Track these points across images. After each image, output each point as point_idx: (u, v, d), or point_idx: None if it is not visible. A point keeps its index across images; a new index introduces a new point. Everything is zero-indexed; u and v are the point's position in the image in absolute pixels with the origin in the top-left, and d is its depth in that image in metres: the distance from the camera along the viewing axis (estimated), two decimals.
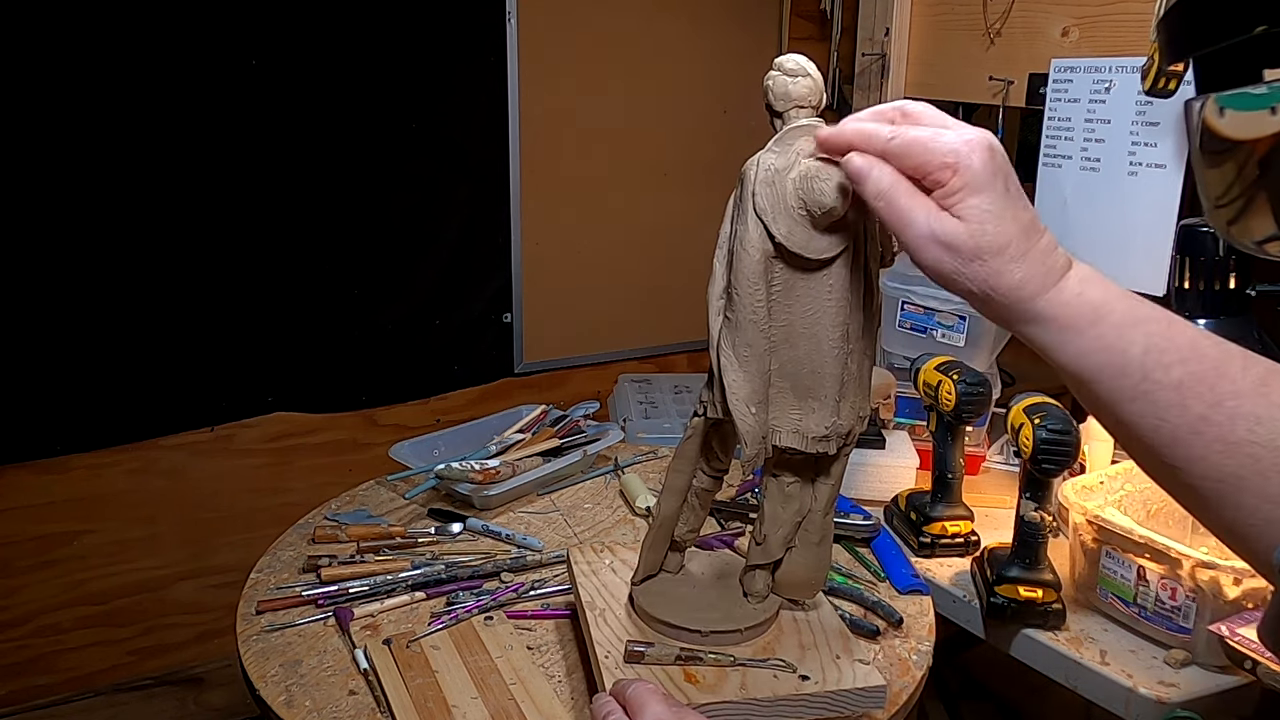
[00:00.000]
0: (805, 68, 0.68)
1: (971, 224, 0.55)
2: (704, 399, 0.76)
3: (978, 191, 0.54)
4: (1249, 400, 0.50)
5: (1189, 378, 0.51)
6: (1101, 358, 0.53)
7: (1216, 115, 0.49)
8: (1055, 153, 1.52)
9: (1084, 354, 0.54)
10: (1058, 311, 0.55)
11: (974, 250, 0.55)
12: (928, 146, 0.55)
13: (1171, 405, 0.51)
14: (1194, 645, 1.01)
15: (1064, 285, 0.55)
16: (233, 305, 1.90)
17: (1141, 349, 0.53)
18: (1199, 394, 0.51)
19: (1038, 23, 1.60)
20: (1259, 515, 0.49)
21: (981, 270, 0.55)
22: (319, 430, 2.07)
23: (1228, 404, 0.50)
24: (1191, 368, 0.52)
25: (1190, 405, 0.51)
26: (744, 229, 0.68)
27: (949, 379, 1.18)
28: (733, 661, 0.77)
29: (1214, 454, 0.50)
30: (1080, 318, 0.54)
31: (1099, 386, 0.54)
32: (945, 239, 0.55)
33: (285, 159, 1.88)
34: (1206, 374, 0.51)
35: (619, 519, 1.23)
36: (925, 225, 0.56)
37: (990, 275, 0.55)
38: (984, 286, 0.55)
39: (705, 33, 2.30)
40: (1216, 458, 0.50)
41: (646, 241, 2.35)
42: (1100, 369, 0.54)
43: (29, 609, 1.85)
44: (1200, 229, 1.17)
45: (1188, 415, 0.51)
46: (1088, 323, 0.54)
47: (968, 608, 1.15)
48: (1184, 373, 0.52)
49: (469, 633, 0.94)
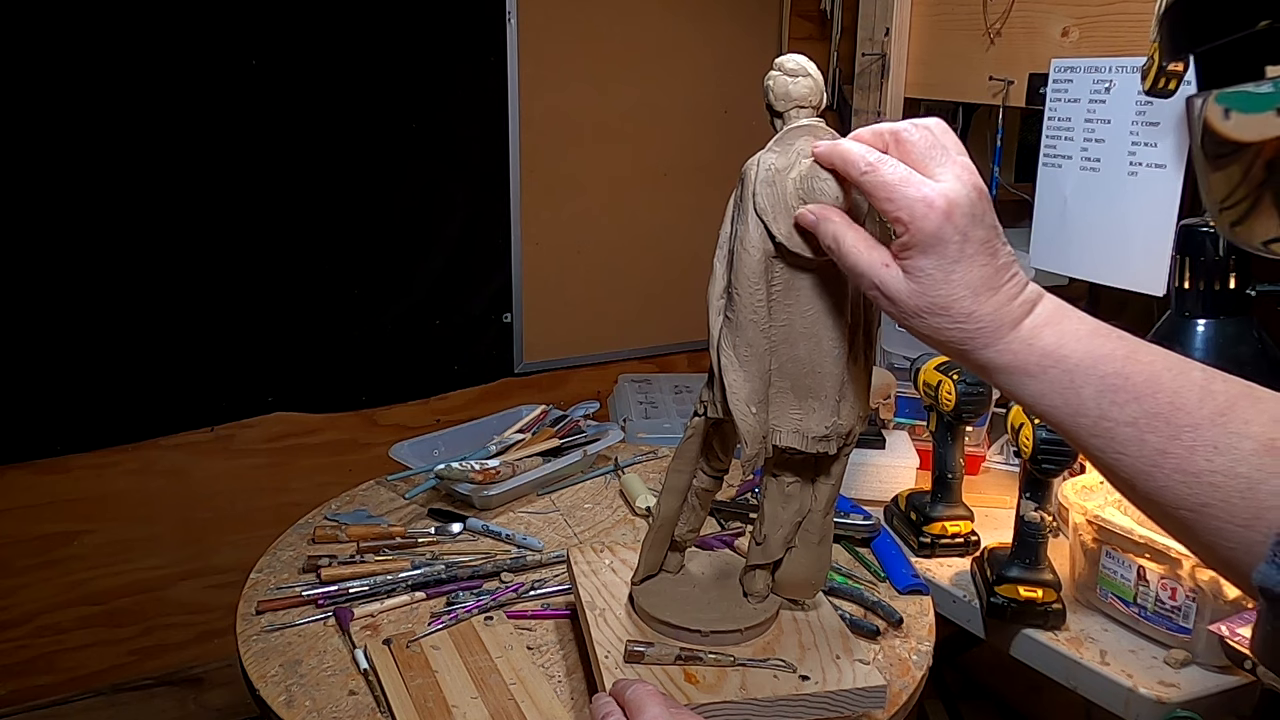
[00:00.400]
0: (805, 68, 0.68)
1: (914, 283, 0.56)
2: (704, 399, 0.76)
3: (925, 253, 0.55)
4: (1206, 430, 0.51)
5: (1143, 415, 0.52)
6: (1056, 399, 0.54)
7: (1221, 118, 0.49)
8: (1055, 153, 1.52)
9: (1038, 396, 0.55)
10: (1006, 360, 0.56)
11: (914, 309, 0.56)
12: (890, 195, 0.56)
13: (1129, 441, 0.52)
14: (1194, 645, 1.01)
15: (1015, 334, 0.56)
16: (233, 305, 1.90)
17: (1095, 390, 0.53)
18: (1155, 429, 0.52)
19: (1038, 23, 1.60)
20: (1232, 539, 0.50)
21: (922, 325, 0.57)
22: (319, 430, 2.07)
23: (1184, 437, 0.51)
24: (1146, 405, 0.52)
25: (1147, 440, 0.52)
26: (744, 229, 0.68)
27: (949, 379, 1.18)
28: (733, 661, 0.77)
29: (1176, 484, 0.51)
30: (1029, 365, 0.55)
31: (1058, 425, 0.55)
32: (887, 293, 0.57)
33: (285, 159, 1.88)
34: (1161, 409, 0.52)
35: (619, 519, 1.23)
36: (870, 277, 0.58)
37: (932, 331, 0.57)
38: (925, 338, 0.57)
39: (705, 33, 2.30)
40: (1180, 488, 0.51)
41: (646, 241, 2.35)
42: (1055, 409, 0.55)
43: (29, 609, 1.85)
44: (1200, 229, 1.17)
45: (1145, 449, 0.52)
46: (1038, 369, 0.55)
47: (968, 608, 1.15)
48: (1138, 411, 0.52)
49: (469, 633, 0.94)
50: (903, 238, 0.56)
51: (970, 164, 0.57)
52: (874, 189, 0.57)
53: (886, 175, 0.56)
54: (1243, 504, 0.49)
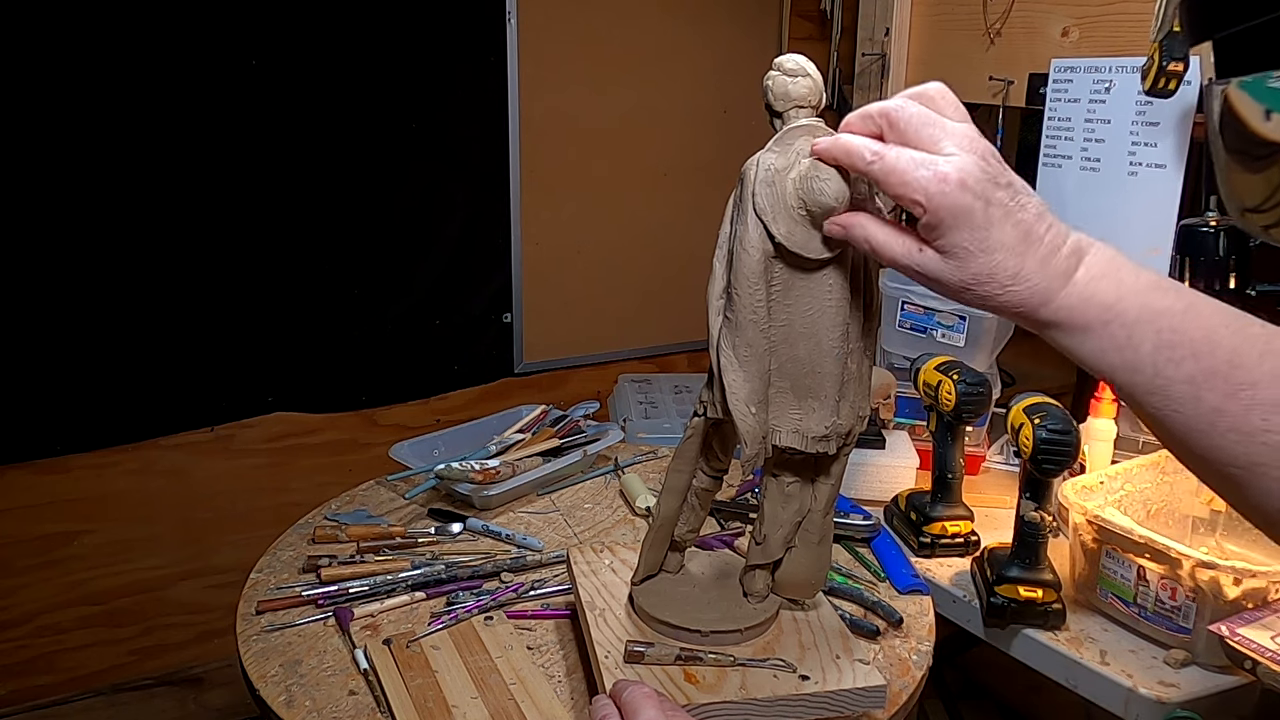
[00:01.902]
0: (805, 68, 0.68)
1: (951, 260, 0.55)
2: (704, 399, 0.76)
3: (953, 228, 0.54)
4: (1265, 389, 0.50)
5: (1200, 373, 0.51)
6: (1115, 357, 0.53)
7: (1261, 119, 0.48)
8: (1055, 153, 1.52)
9: (1098, 353, 0.54)
10: (1065, 317, 0.54)
11: (959, 284, 0.55)
12: (902, 180, 0.55)
13: (1185, 399, 0.51)
14: (1194, 645, 1.01)
15: (1070, 289, 0.54)
16: (233, 305, 1.90)
17: (1152, 346, 0.52)
18: (1212, 386, 0.51)
19: (1038, 23, 1.60)
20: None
21: (974, 297, 0.55)
22: (319, 430, 2.07)
23: (1242, 395, 0.50)
24: (1204, 363, 0.51)
25: (1204, 398, 0.51)
26: (744, 229, 0.68)
27: (949, 379, 1.18)
28: (733, 661, 0.77)
29: (1230, 443, 0.50)
30: (1090, 320, 0.54)
31: (1116, 382, 0.54)
32: (930, 275, 0.56)
33: (285, 159, 1.88)
34: (1219, 367, 0.51)
35: (619, 519, 1.23)
36: (909, 265, 0.57)
37: (984, 300, 0.55)
38: (982, 307, 0.56)
39: (705, 33, 2.30)
40: (1234, 447, 0.50)
41: (646, 241, 2.35)
42: (1115, 367, 0.54)
43: (29, 609, 1.85)
44: (1200, 229, 1.17)
45: (1201, 408, 0.51)
46: (1099, 324, 0.54)
47: (968, 608, 1.15)
48: (1195, 369, 0.51)
49: (469, 633, 0.94)
50: (925, 219, 0.54)
51: (971, 128, 0.56)
52: (883, 177, 0.56)
53: (892, 162, 0.55)
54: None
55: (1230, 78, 0.49)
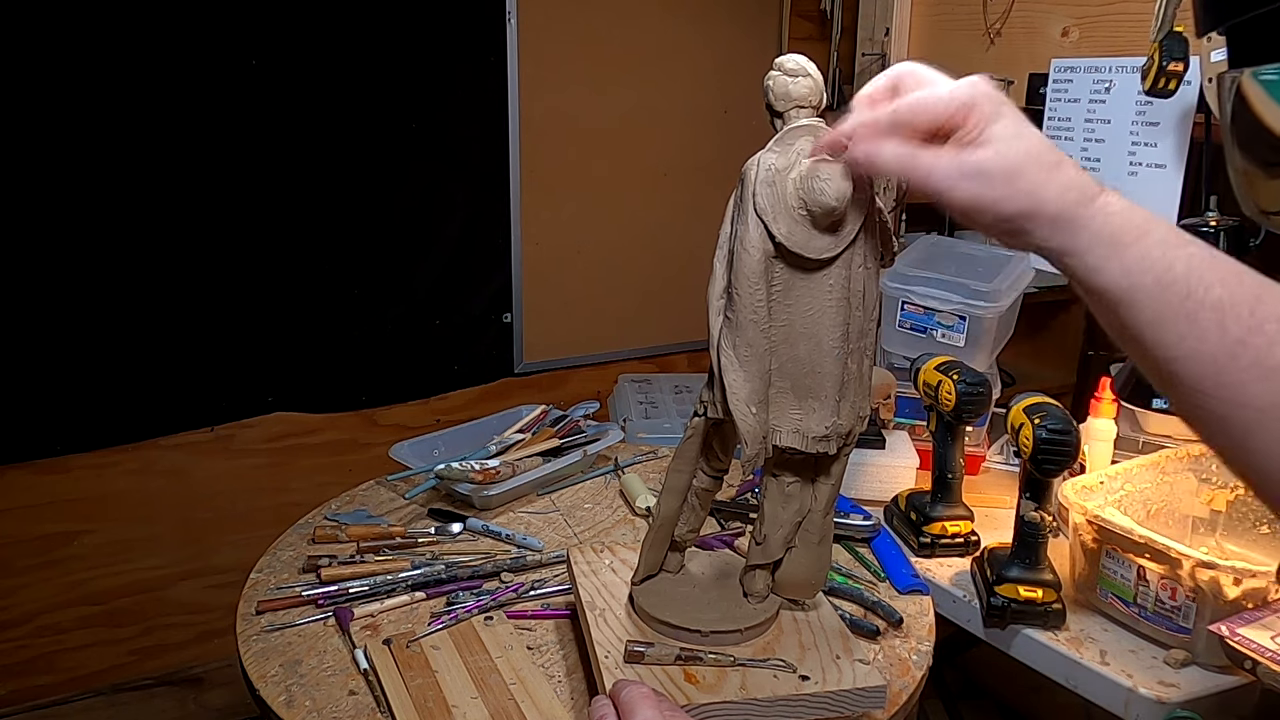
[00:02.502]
0: (805, 68, 0.68)
1: (998, 145, 0.55)
2: (704, 399, 0.76)
3: (996, 119, 0.55)
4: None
5: (1229, 299, 0.51)
6: (1146, 276, 0.52)
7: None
8: None
9: (1127, 271, 0.53)
10: (1103, 224, 0.54)
11: (1007, 170, 0.55)
12: (936, 101, 0.56)
13: (1210, 326, 0.51)
14: (1194, 645, 1.01)
15: (1107, 199, 0.55)
16: (233, 305, 1.90)
17: (1185, 267, 0.52)
18: (1238, 316, 0.50)
19: (1038, 23, 1.60)
20: None
21: (1023, 185, 0.54)
22: (319, 430, 2.07)
23: (1267, 327, 0.50)
24: (1232, 289, 0.51)
25: (1229, 327, 0.50)
26: (744, 229, 0.68)
27: (949, 379, 1.18)
28: (732, 661, 0.77)
29: (1251, 379, 0.50)
30: (1127, 231, 0.54)
31: (1140, 306, 0.53)
32: (976, 169, 0.55)
33: (285, 159, 1.88)
34: (1246, 298, 0.51)
35: (619, 519, 1.23)
36: (951, 165, 0.56)
37: (1033, 188, 0.54)
38: (1029, 202, 0.54)
39: (705, 33, 2.30)
40: (1253, 384, 0.49)
41: (646, 241, 2.35)
42: (1143, 287, 0.53)
43: (29, 609, 1.85)
44: (1200, 229, 1.17)
45: (1226, 338, 0.50)
46: (1134, 237, 0.53)
47: (968, 608, 1.15)
48: (1224, 293, 0.51)
49: (469, 633, 0.94)
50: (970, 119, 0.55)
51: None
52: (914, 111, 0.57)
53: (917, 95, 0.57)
54: None
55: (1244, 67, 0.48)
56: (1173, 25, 1.20)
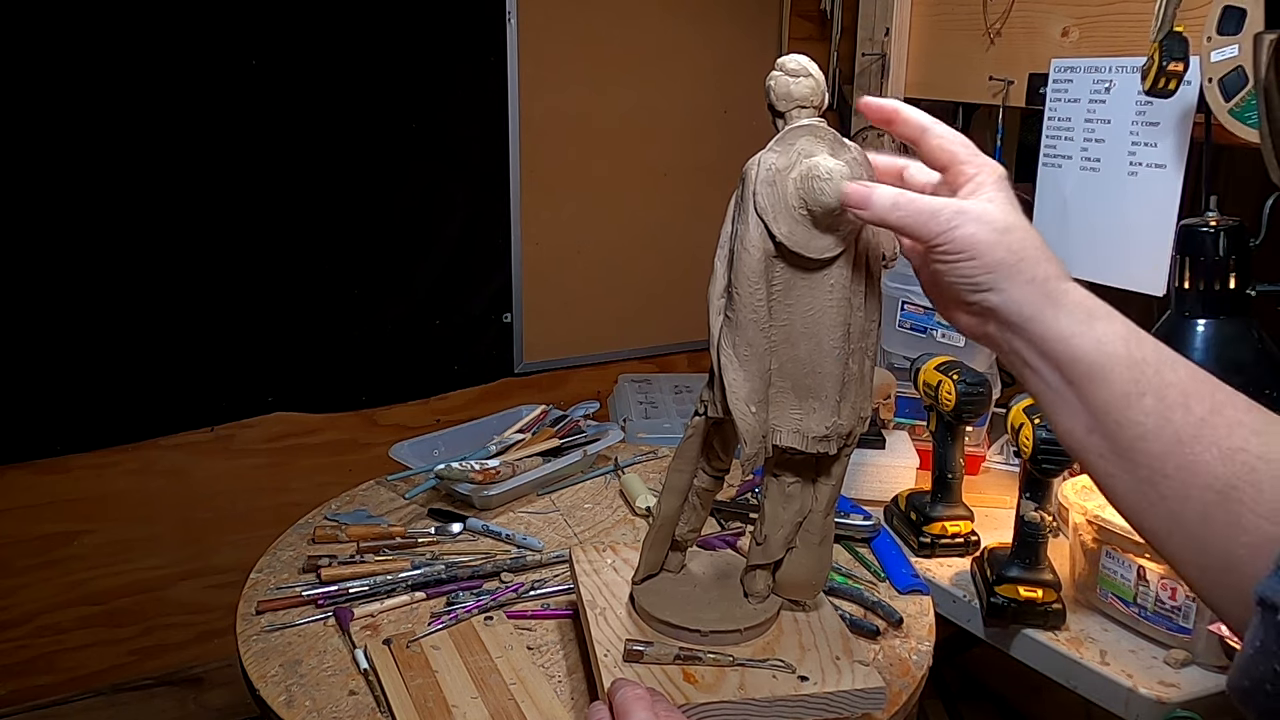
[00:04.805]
0: (807, 68, 0.68)
1: (998, 201, 0.58)
2: (704, 398, 0.76)
3: (999, 187, 0.59)
4: (1248, 414, 0.52)
5: (1193, 381, 0.53)
6: (1121, 347, 0.54)
7: None
8: (1055, 153, 1.52)
9: (1101, 341, 0.54)
10: (1079, 295, 0.56)
11: (1005, 223, 0.57)
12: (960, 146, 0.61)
13: (1176, 405, 0.52)
14: (1194, 645, 1.01)
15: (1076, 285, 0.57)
16: (233, 305, 1.90)
17: (1153, 346, 0.54)
18: (1201, 397, 0.52)
19: (1038, 23, 1.60)
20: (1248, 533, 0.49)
21: (1013, 241, 0.57)
22: (319, 430, 2.07)
23: (1227, 413, 0.52)
24: (1196, 374, 0.53)
25: (1193, 407, 0.52)
26: (745, 228, 0.68)
27: (949, 379, 1.18)
28: (732, 661, 0.77)
29: (1211, 458, 0.50)
30: (1099, 307, 0.56)
31: (1112, 379, 0.54)
32: (977, 214, 0.57)
33: (285, 159, 1.88)
34: (1206, 382, 0.53)
35: (619, 519, 1.23)
36: (955, 204, 0.58)
37: (1022, 246, 0.57)
38: (1017, 255, 0.57)
39: (705, 33, 2.30)
40: (1214, 464, 0.50)
41: (646, 241, 2.35)
42: (1117, 357, 0.54)
43: (29, 609, 1.85)
44: (1200, 229, 1.17)
45: (1190, 416, 0.52)
46: (1105, 313, 0.56)
47: (968, 608, 1.15)
48: (1188, 375, 0.53)
49: (469, 633, 0.94)
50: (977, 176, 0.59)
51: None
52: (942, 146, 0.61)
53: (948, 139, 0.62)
54: (1272, 494, 0.49)
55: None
56: (1173, 25, 1.20)
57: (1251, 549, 0.49)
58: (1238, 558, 0.50)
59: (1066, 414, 0.56)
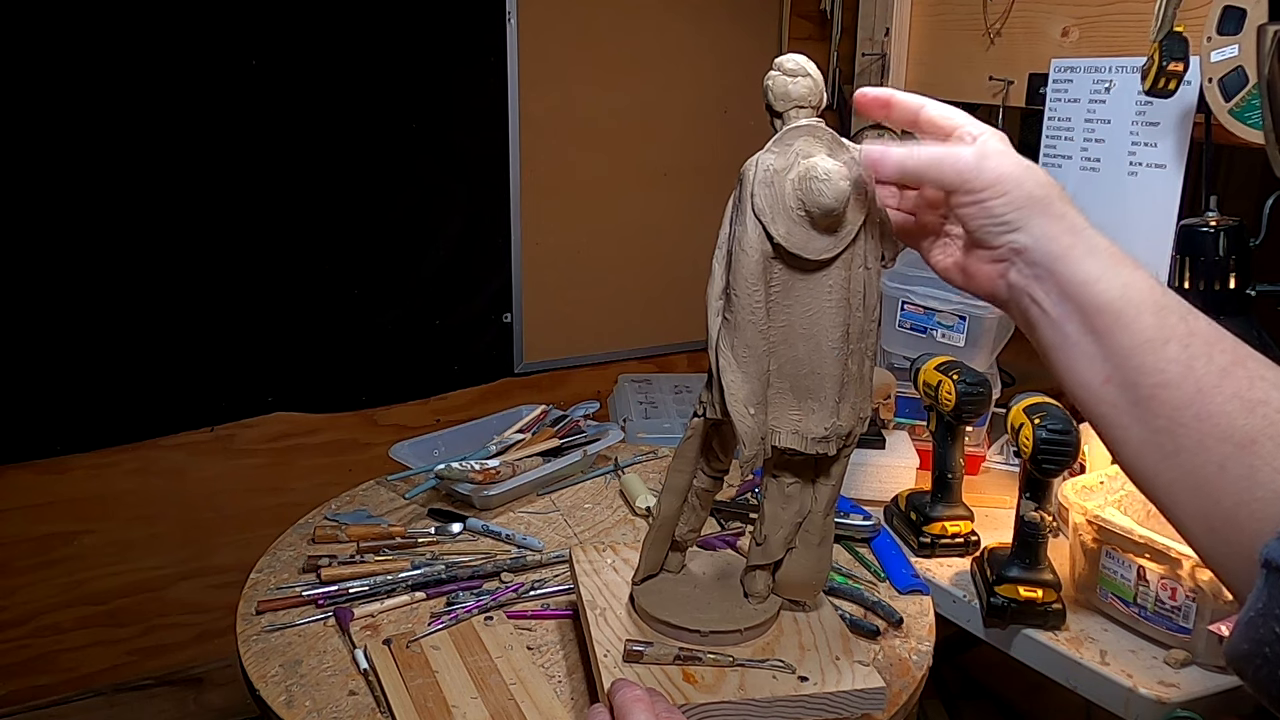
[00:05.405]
0: (805, 68, 0.68)
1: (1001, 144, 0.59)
2: (703, 400, 0.76)
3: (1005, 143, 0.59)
4: (1267, 369, 0.51)
5: (1214, 333, 0.53)
6: (1146, 293, 0.54)
7: None
8: (1055, 153, 1.52)
9: (1130, 284, 0.54)
10: (1104, 241, 0.56)
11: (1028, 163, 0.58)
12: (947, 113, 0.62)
13: (1199, 354, 0.52)
14: (1194, 645, 1.01)
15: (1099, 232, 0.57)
16: (233, 305, 1.90)
17: (1175, 298, 0.54)
18: (1224, 349, 0.52)
19: (1038, 23, 1.60)
20: (1266, 488, 0.48)
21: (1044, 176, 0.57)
22: (319, 430, 2.07)
23: (1250, 365, 0.51)
24: (1215, 326, 0.53)
25: (1215, 357, 0.52)
26: (743, 230, 0.68)
27: (949, 379, 1.18)
28: (731, 662, 0.77)
29: (1233, 409, 0.50)
30: (1125, 255, 0.56)
31: (1136, 324, 0.53)
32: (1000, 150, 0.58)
33: (285, 159, 1.88)
34: (1227, 336, 0.53)
35: (619, 519, 1.23)
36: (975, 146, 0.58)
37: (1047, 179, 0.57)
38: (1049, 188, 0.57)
39: (705, 33, 2.30)
40: (1236, 416, 0.50)
41: (646, 241, 2.35)
42: (1142, 303, 0.53)
43: (29, 609, 1.85)
44: (1200, 229, 1.17)
45: (1213, 366, 0.51)
46: (1131, 262, 0.55)
47: (968, 608, 1.15)
48: (1209, 326, 0.53)
49: (469, 633, 0.94)
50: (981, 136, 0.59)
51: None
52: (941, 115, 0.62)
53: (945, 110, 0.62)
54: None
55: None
56: (1173, 25, 1.20)
57: (1264, 504, 0.48)
58: (1249, 513, 0.49)
59: (1083, 364, 0.55)
